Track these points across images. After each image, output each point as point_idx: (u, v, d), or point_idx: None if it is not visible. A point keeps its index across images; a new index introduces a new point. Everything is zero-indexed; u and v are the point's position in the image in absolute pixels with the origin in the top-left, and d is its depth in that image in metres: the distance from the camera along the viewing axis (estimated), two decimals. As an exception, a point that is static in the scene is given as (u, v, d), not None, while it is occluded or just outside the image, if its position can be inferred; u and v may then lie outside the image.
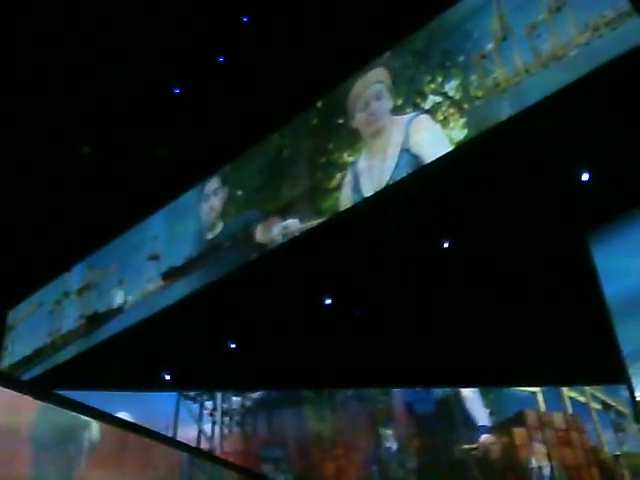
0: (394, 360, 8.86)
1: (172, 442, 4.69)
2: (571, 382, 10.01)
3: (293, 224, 6.73)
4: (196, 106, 7.08)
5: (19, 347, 9.69)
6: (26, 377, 9.01)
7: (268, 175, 7.23)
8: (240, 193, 7.43)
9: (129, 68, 6.67)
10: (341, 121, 6.55)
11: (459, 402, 13.26)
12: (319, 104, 6.73)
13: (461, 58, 5.67)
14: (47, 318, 9.40)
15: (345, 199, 6.28)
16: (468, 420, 10.87)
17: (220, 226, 7.55)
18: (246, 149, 7.42)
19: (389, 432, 10.35)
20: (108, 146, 7.42)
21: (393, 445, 10.26)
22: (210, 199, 7.67)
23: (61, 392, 5.27)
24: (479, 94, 5.43)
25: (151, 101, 7.01)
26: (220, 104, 7.00)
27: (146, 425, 5.41)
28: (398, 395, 10.36)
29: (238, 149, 7.44)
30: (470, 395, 13.48)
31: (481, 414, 11.04)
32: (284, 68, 6.65)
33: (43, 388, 6.38)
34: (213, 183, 7.73)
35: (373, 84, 6.39)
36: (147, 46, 6.57)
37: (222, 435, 11.08)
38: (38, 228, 7.76)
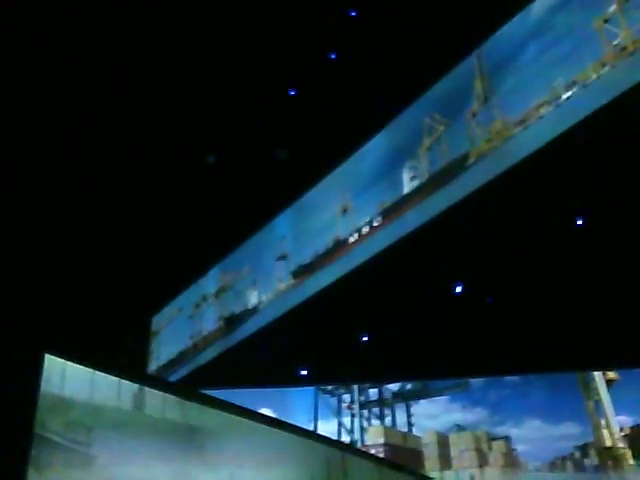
0: (530, 346, 8.59)
1: (318, 438, 4.77)
2: None
3: (415, 212, 6.70)
4: (312, 104, 7.18)
5: (164, 351, 10.27)
6: (172, 379, 9.54)
7: (386, 167, 7.22)
8: (362, 185, 7.45)
9: (244, 73, 6.86)
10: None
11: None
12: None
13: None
14: (188, 322, 9.90)
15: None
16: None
17: (345, 221, 7.62)
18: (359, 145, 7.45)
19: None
20: (231, 153, 7.69)
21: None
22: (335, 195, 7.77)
23: (205, 391, 5.53)
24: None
25: (268, 104, 7.19)
26: (335, 101, 7.06)
27: (289, 420, 5.59)
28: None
29: (352, 145, 7.48)
30: (617, 378, 12.82)
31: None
32: (395, 60, 6.60)
33: (190, 388, 6.71)
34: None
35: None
36: (259, 49, 6.72)
37: (362, 428, 11.21)
38: (174, 238, 8.17)
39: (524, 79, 5.88)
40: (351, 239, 7.46)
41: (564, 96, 5.40)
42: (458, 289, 7.93)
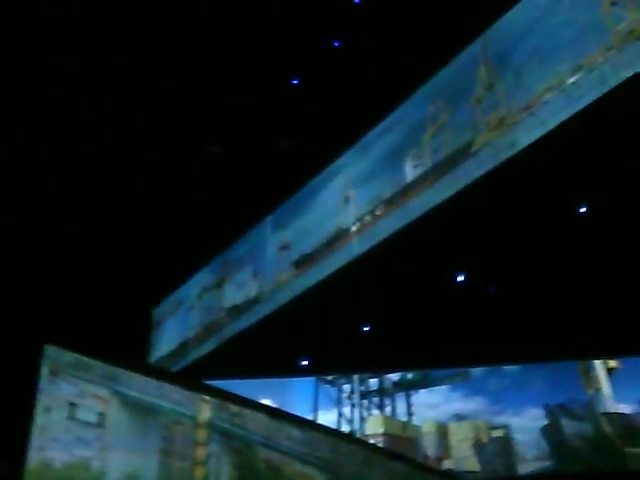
0: (530, 335, 8.60)
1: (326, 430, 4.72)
2: None
3: (417, 201, 6.65)
4: (314, 94, 7.13)
5: (165, 342, 10.23)
6: (174, 369, 9.50)
7: (389, 155, 7.18)
8: (365, 174, 7.41)
9: (246, 63, 6.81)
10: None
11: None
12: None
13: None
14: (189, 313, 9.86)
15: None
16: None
17: (347, 210, 7.57)
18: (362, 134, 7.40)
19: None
20: (233, 142, 7.64)
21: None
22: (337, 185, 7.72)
23: (207, 382, 5.50)
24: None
25: (270, 94, 7.14)
26: (337, 89, 7.01)
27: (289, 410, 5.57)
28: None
29: (355, 135, 7.43)
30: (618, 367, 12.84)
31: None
32: (399, 47, 6.55)
33: (192, 379, 6.69)
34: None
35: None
36: (261, 39, 6.66)
37: (362, 418, 11.19)
38: (174, 230, 8.13)
39: (529, 65, 5.82)
40: (353, 228, 7.42)
41: (569, 81, 5.34)
42: (460, 278, 7.92)
